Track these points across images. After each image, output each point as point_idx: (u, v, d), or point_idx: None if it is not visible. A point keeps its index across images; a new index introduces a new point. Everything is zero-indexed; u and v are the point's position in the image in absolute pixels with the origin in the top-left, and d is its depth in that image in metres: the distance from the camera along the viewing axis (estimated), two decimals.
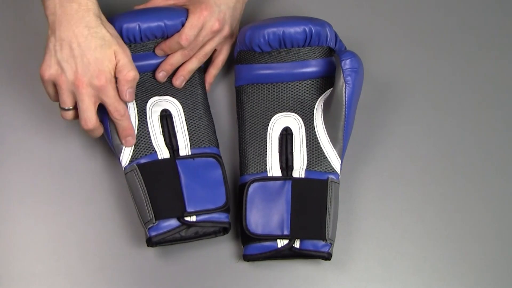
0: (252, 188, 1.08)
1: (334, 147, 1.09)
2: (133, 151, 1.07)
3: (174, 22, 1.09)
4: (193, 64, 1.12)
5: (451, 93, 1.19)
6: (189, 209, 1.05)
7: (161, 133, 1.09)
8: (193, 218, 1.05)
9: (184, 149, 1.09)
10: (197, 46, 1.11)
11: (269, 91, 1.13)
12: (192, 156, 1.08)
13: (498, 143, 1.17)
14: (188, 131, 1.10)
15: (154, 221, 1.04)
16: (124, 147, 1.07)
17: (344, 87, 1.07)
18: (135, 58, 1.08)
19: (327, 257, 1.06)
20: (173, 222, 1.05)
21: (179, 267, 1.09)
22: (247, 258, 1.07)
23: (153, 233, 1.05)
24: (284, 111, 1.12)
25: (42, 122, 1.14)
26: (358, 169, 1.14)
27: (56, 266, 1.09)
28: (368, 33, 1.21)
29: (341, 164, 1.09)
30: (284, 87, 1.12)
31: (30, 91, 1.15)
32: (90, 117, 1.03)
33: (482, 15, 1.23)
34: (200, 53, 1.12)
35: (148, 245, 1.05)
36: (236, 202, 1.11)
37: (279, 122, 1.11)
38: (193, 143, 1.09)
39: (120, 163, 1.07)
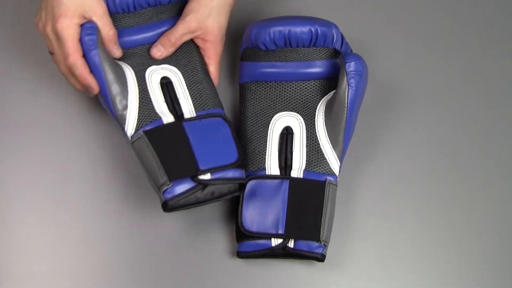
0: (249, 185, 1.08)
1: (334, 149, 1.09)
2: (138, 119, 1.06)
3: None
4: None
5: (453, 95, 1.19)
6: (202, 167, 1.03)
7: (164, 100, 1.08)
8: (207, 176, 1.03)
9: (189, 113, 1.07)
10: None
11: (272, 90, 1.13)
12: (199, 117, 1.07)
13: (499, 144, 1.17)
14: (190, 96, 1.09)
15: (168, 183, 1.02)
16: (128, 116, 1.06)
17: (347, 90, 1.07)
18: (129, 32, 1.10)
19: (321, 258, 1.06)
20: (187, 184, 1.03)
21: (174, 262, 1.09)
22: (241, 255, 1.07)
23: (168, 196, 1.02)
24: (286, 110, 1.12)
25: (42, 121, 1.14)
26: (359, 169, 1.14)
27: (56, 266, 1.09)
28: (373, 35, 1.21)
29: (340, 167, 1.09)
30: (288, 86, 1.12)
31: (30, 91, 1.15)
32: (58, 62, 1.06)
33: (487, 17, 1.23)
34: None
35: (164, 210, 1.03)
36: (233, 199, 1.10)
37: (280, 121, 1.11)
38: (197, 106, 1.08)
39: (126, 134, 1.06)
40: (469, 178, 1.15)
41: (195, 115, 1.07)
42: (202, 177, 1.03)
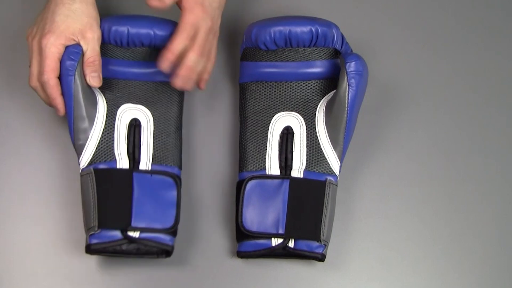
0: (250, 185, 1.08)
1: (334, 149, 1.09)
2: (93, 155, 1.06)
3: (164, 33, 1.09)
4: (200, 64, 1.10)
5: (453, 95, 1.19)
6: (134, 224, 1.04)
7: (126, 141, 1.08)
8: (136, 234, 1.04)
9: (145, 163, 1.07)
10: (207, 49, 1.09)
11: (272, 90, 1.13)
12: (151, 171, 1.07)
13: (499, 144, 1.17)
14: (153, 146, 1.08)
15: (96, 228, 1.03)
16: (85, 148, 1.06)
17: (347, 90, 1.07)
18: (119, 63, 1.10)
19: (321, 258, 1.06)
20: (116, 234, 1.03)
21: (174, 262, 1.09)
22: (241, 255, 1.07)
23: (93, 241, 1.03)
24: (286, 110, 1.12)
25: (42, 122, 1.14)
26: (359, 169, 1.14)
27: (56, 266, 1.09)
28: (373, 35, 1.21)
29: (340, 167, 1.09)
30: (288, 86, 1.12)
31: (30, 92, 1.14)
32: (31, 73, 1.06)
33: (487, 17, 1.23)
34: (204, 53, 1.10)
35: (86, 252, 1.04)
36: (233, 199, 1.11)
37: (280, 120, 1.11)
38: (155, 159, 1.08)
39: (79, 164, 1.06)
40: (469, 178, 1.15)
41: (150, 167, 1.07)
42: (130, 233, 1.03)
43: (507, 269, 1.12)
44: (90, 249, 1.04)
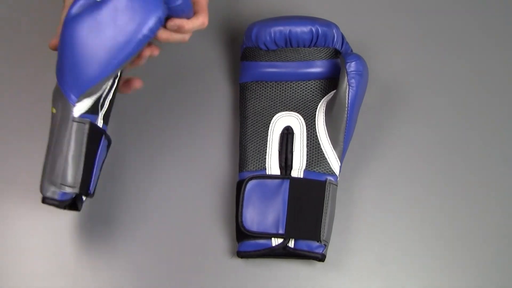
0: (250, 185, 1.08)
1: (335, 149, 1.09)
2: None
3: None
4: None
5: (453, 95, 1.19)
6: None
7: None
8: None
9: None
10: None
11: (272, 89, 1.13)
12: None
13: (500, 143, 1.17)
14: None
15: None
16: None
17: (347, 90, 1.07)
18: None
19: (321, 258, 1.06)
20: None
21: (174, 262, 1.09)
22: (241, 254, 1.07)
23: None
24: (286, 110, 1.12)
25: (43, 122, 1.13)
26: (359, 169, 1.14)
27: (56, 266, 1.09)
28: (373, 35, 1.21)
29: (340, 167, 1.09)
30: (288, 86, 1.13)
31: (32, 92, 1.15)
32: None
33: (488, 16, 1.23)
34: None
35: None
36: (234, 199, 1.11)
37: (280, 120, 1.11)
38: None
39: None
40: (470, 177, 1.15)
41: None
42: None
43: (508, 269, 1.12)
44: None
